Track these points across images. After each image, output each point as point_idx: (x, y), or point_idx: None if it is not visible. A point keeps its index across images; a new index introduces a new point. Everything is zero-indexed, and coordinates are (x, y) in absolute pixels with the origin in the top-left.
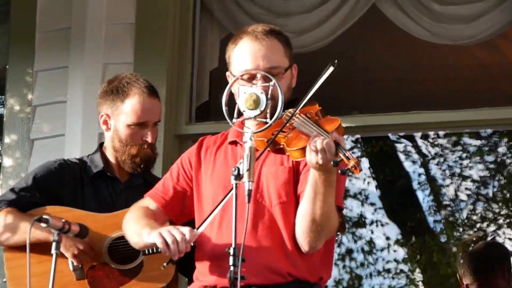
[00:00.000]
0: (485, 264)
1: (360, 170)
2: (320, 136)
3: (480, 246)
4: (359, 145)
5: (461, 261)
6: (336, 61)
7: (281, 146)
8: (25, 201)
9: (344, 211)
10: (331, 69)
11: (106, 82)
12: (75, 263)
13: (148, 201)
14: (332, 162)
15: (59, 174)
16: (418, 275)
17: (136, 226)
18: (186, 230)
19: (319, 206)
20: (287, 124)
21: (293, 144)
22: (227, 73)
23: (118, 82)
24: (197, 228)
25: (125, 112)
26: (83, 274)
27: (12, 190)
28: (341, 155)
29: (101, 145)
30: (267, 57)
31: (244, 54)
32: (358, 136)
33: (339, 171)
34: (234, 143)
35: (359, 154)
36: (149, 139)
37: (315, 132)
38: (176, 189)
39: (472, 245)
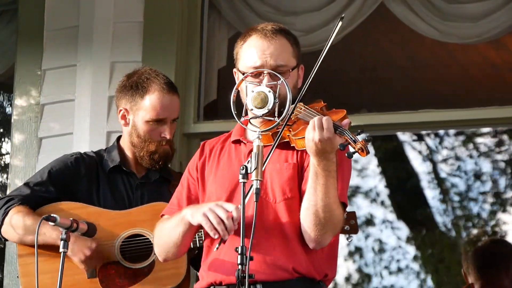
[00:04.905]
0: (490, 262)
1: (368, 153)
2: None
3: (485, 243)
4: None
5: (466, 258)
6: (343, 15)
7: (286, 139)
8: (39, 196)
9: (353, 210)
10: (340, 24)
11: (125, 76)
12: (81, 268)
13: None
14: (339, 146)
15: (75, 168)
16: (427, 273)
17: (170, 222)
18: (231, 207)
19: (320, 198)
20: (292, 118)
21: (298, 133)
22: (234, 70)
23: (138, 77)
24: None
25: (145, 108)
26: (95, 272)
27: (26, 184)
28: (348, 139)
29: (118, 138)
30: (274, 56)
31: (252, 51)
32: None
33: (346, 154)
34: (237, 142)
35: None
36: (167, 135)
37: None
38: (190, 199)
39: (477, 242)
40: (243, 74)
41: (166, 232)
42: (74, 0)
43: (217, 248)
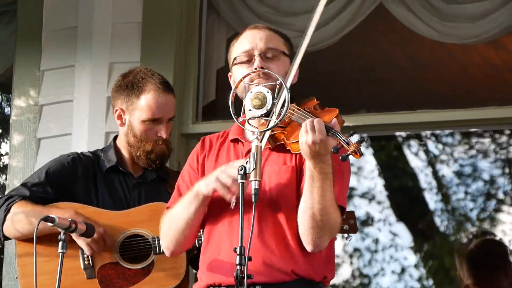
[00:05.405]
0: (484, 262)
1: (361, 155)
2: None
3: (478, 244)
4: (366, 144)
5: (461, 260)
6: None
7: (282, 142)
8: (37, 196)
9: (352, 210)
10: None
11: (121, 76)
12: (87, 252)
13: None
14: (332, 149)
15: (72, 169)
16: (426, 274)
17: (181, 203)
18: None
19: (317, 201)
20: (285, 119)
21: (292, 137)
22: (229, 73)
23: (133, 77)
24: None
25: (140, 108)
26: (94, 273)
27: (24, 185)
28: (341, 142)
29: (115, 138)
30: (265, 39)
31: (243, 40)
32: (365, 135)
33: (340, 157)
34: (235, 140)
35: (364, 147)
36: (163, 135)
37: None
38: None
39: (471, 243)
40: (235, 60)
41: (176, 215)
42: (73, 0)
43: (233, 206)
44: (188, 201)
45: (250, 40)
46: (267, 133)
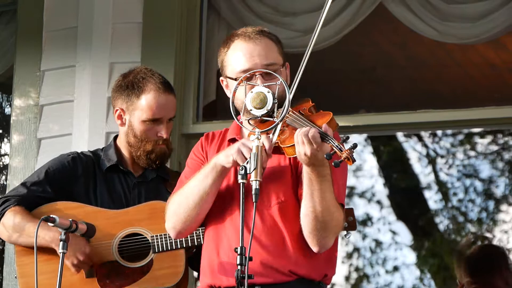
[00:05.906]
0: (482, 263)
1: (354, 161)
2: (304, 127)
3: (475, 248)
4: (366, 144)
5: (459, 260)
6: None
7: (276, 145)
8: (36, 195)
9: (350, 207)
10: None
11: (121, 76)
12: (72, 270)
13: None
14: (325, 155)
15: (72, 168)
16: (425, 273)
17: (196, 177)
18: (262, 137)
19: (318, 203)
20: (282, 122)
21: (287, 141)
22: (221, 78)
23: (133, 76)
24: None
25: (141, 108)
26: (93, 271)
27: (23, 184)
28: (334, 148)
29: (115, 138)
30: (262, 55)
31: (239, 55)
32: (366, 135)
33: (333, 164)
34: (233, 140)
35: (363, 150)
36: (164, 135)
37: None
38: None
39: (468, 247)
40: (235, 79)
41: (191, 190)
42: (73, 1)
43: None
44: (205, 174)
45: (247, 57)
46: (277, 131)
